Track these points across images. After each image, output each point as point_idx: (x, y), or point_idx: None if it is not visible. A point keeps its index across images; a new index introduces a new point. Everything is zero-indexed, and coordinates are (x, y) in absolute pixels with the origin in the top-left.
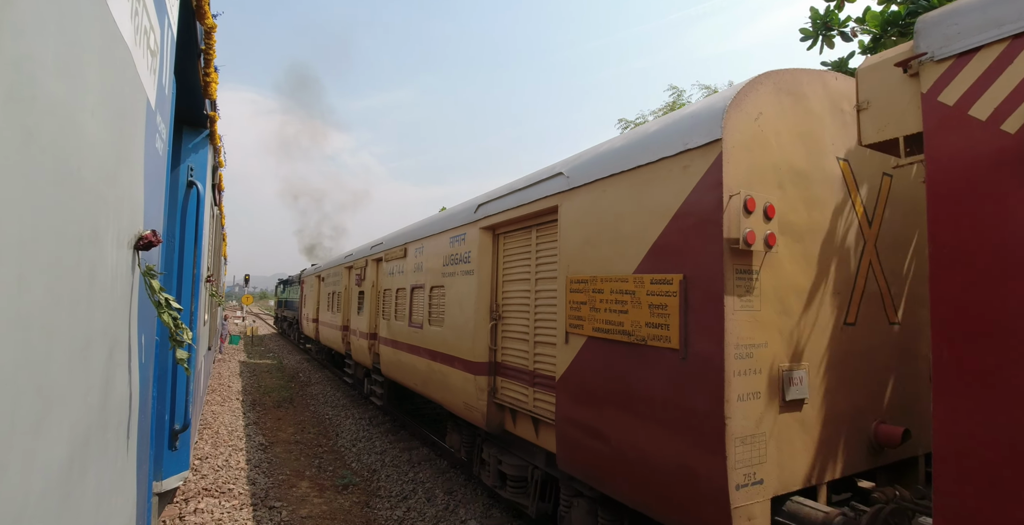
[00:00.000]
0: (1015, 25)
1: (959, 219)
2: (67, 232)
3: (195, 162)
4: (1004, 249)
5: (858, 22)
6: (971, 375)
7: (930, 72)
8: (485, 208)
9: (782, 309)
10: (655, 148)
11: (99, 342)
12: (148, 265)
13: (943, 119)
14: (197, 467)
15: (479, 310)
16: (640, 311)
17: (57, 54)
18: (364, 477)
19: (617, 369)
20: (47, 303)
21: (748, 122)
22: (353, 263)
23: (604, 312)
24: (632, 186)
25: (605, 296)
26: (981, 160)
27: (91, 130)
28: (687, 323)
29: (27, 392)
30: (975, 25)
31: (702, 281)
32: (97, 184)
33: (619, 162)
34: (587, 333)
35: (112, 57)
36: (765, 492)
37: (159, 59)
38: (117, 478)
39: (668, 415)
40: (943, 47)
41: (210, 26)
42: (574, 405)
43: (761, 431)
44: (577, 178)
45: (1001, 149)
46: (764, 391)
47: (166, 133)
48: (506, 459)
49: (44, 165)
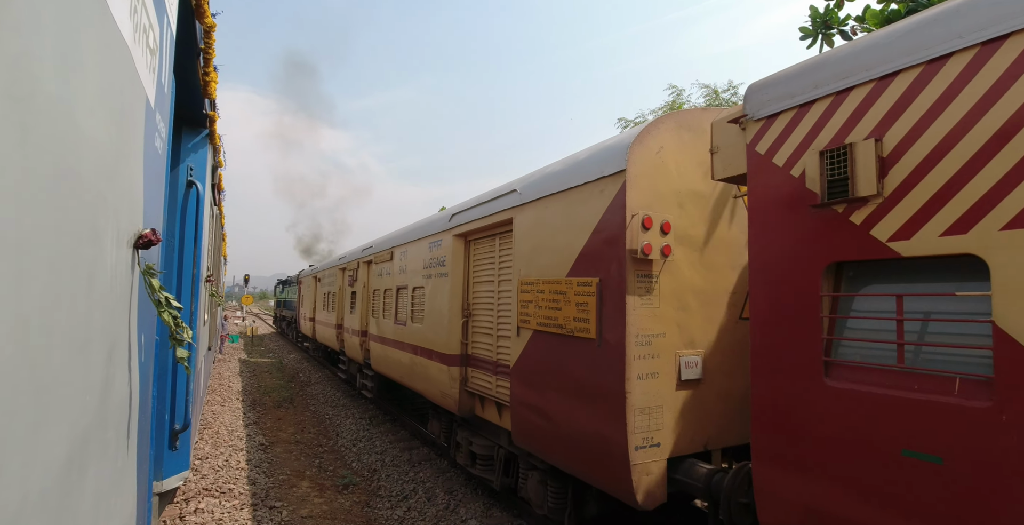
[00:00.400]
0: (802, 97)
1: (765, 238)
2: (66, 230)
3: (195, 162)
4: (783, 261)
5: (858, 21)
6: (766, 352)
7: (751, 128)
8: (457, 217)
9: (680, 306)
10: (582, 173)
11: (98, 341)
12: (148, 264)
13: (757, 164)
14: (197, 467)
15: (453, 308)
16: (570, 308)
17: (55, 52)
18: (364, 477)
19: (554, 356)
20: (46, 302)
21: (650, 155)
22: (346, 265)
23: (545, 309)
24: (566, 204)
25: (545, 295)
26: (779, 196)
27: (89, 128)
28: (601, 317)
29: (26, 391)
30: (777, 95)
31: (611, 283)
32: (96, 182)
33: (557, 183)
34: (533, 327)
35: (111, 55)
36: (662, 453)
37: (158, 58)
38: (117, 478)
39: (588, 392)
40: (758, 110)
41: (209, 25)
42: (524, 388)
43: (658, 404)
44: (527, 195)
45: (791, 188)
46: (661, 372)
47: (165, 132)
48: (476, 440)
49: (42, 163)
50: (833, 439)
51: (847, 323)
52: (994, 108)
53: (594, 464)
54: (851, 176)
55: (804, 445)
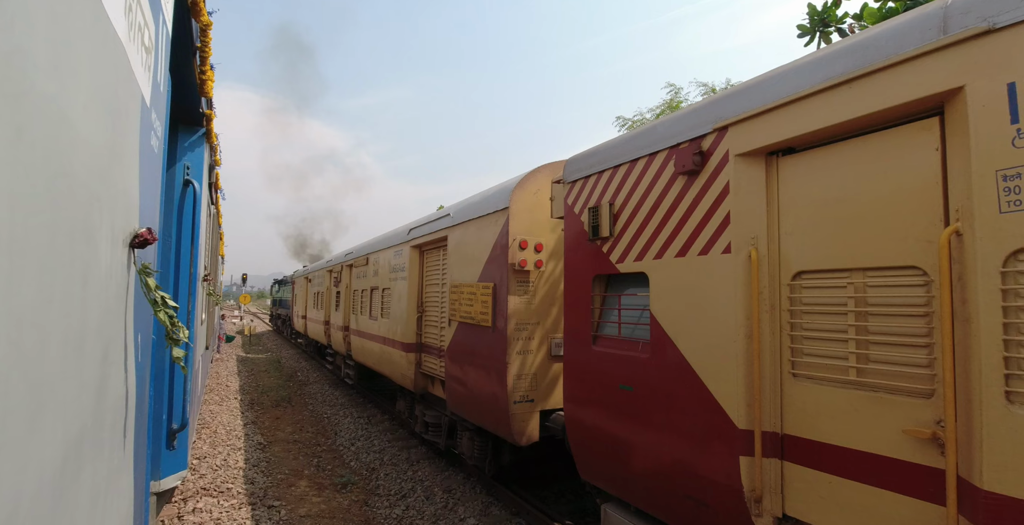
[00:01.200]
0: (585, 173)
1: (570, 258)
2: (59, 229)
3: (191, 160)
4: (577, 272)
5: (855, 18)
6: (570, 330)
7: (565, 188)
8: (414, 232)
9: (552, 303)
10: (486, 206)
11: (93, 340)
12: (144, 263)
13: (567, 211)
14: (195, 466)
15: (410, 305)
16: (478, 305)
17: (49, 50)
18: (363, 476)
19: (469, 340)
20: (39, 301)
21: (528, 195)
22: (332, 267)
23: (464, 305)
24: (477, 228)
25: (464, 295)
26: (575, 232)
27: (83, 127)
28: (495, 311)
29: (19, 391)
30: (575, 169)
31: (500, 287)
32: (90, 182)
33: (472, 212)
34: (458, 319)
35: (105, 54)
36: (535, 407)
37: (154, 56)
38: (113, 477)
39: (487, 364)
40: (567, 177)
41: (205, 23)
42: (452, 365)
43: (532, 372)
44: (456, 218)
45: (580, 228)
46: (536, 349)
47: (161, 131)
48: (428, 412)
49: (34, 162)
50: (594, 382)
51: (603, 312)
52: (652, 191)
53: (491, 416)
54: (600, 224)
55: (583, 386)
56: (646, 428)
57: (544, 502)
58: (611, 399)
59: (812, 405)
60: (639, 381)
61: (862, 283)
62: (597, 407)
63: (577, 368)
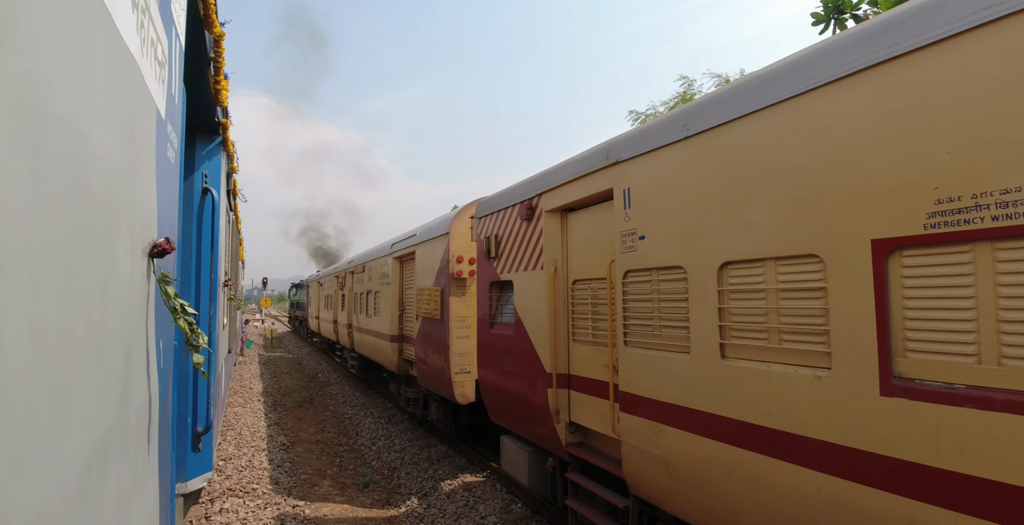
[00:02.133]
0: (484, 213)
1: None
2: (78, 241)
3: (209, 169)
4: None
5: (871, 4)
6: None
7: (478, 221)
8: (395, 246)
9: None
10: (436, 230)
11: (115, 347)
12: (163, 272)
13: (477, 237)
14: (221, 468)
15: (393, 305)
16: (433, 303)
17: (63, 70)
18: (384, 475)
19: (427, 329)
20: (60, 310)
21: (463, 223)
22: (339, 273)
23: (424, 304)
24: (431, 246)
25: (425, 297)
26: (481, 252)
27: (99, 143)
28: (442, 308)
29: (42, 397)
30: (481, 211)
31: (445, 290)
32: (107, 195)
33: (428, 233)
34: (421, 314)
35: (119, 70)
36: (471, 377)
37: (167, 69)
38: (138, 480)
39: (437, 347)
40: (477, 215)
41: (218, 35)
42: (419, 349)
43: (469, 351)
44: (420, 238)
45: (483, 250)
46: (471, 335)
47: (177, 142)
48: (409, 390)
49: (53, 178)
50: (491, 352)
51: (497, 306)
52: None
53: (443, 385)
54: (491, 248)
55: (485, 357)
56: (513, 379)
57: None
58: (499, 363)
59: (579, 356)
60: (510, 349)
61: (594, 286)
62: (493, 369)
63: (483, 344)
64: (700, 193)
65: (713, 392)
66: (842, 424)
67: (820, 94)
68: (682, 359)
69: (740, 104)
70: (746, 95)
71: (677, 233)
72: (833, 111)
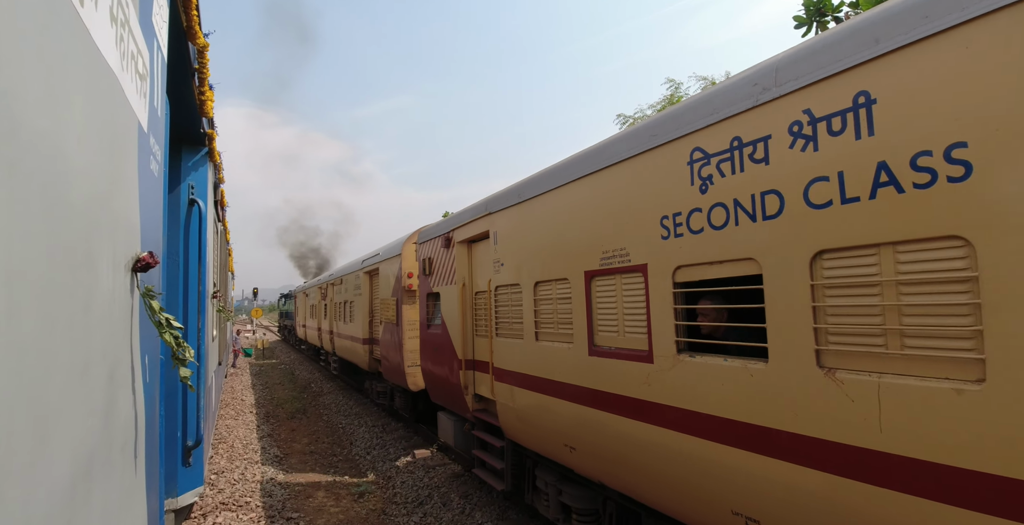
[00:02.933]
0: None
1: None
2: (58, 259)
3: (195, 180)
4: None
5: (852, 7)
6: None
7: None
8: (365, 262)
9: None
10: (392, 251)
11: (99, 364)
12: (147, 286)
13: (419, 258)
14: (213, 482)
15: (365, 313)
16: (391, 311)
17: (39, 88)
18: (380, 484)
19: (387, 332)
20: (40, 330)
21: (412, 245)
22: (321, 285)
23: (385, 311)
24: (389, 263)
25: (385, 305)
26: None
27: (78, 158)
28: (397, 314)
29: (22, 418)
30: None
31: (399, 300)
32: (88, 210)
33: (387, 253)
34: (383, 320)
35: (97, 85)
36: (419, 368)
37: (149, 82)
38: (125, 498)
39: (394, 345)
40: (419, 241)
41: (202, 46)
42: (382, 349)
43: (418, 348)
44: (381, 257)
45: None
46: (418, 335)
47: (161, 154)
48: (379, 385)
49: (29, 195)
50: (428, 347)
51: (432, 312)
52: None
53: (399, 377)
54: (426, 267)
55: (424, 351)
56: (441, 366)
57: None
58: (433, 356)
59: (478, 346)
60: (439, 344)
61: (484, 296)
62: (430, 360)
63: (423, 342)
64: (525, 237)
65: (532, 361)
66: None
67: (567, 187)
68: (520, 342)
69: (536, 188)
70: (539, 182)
71: (517, 262)
72: (572, 196)
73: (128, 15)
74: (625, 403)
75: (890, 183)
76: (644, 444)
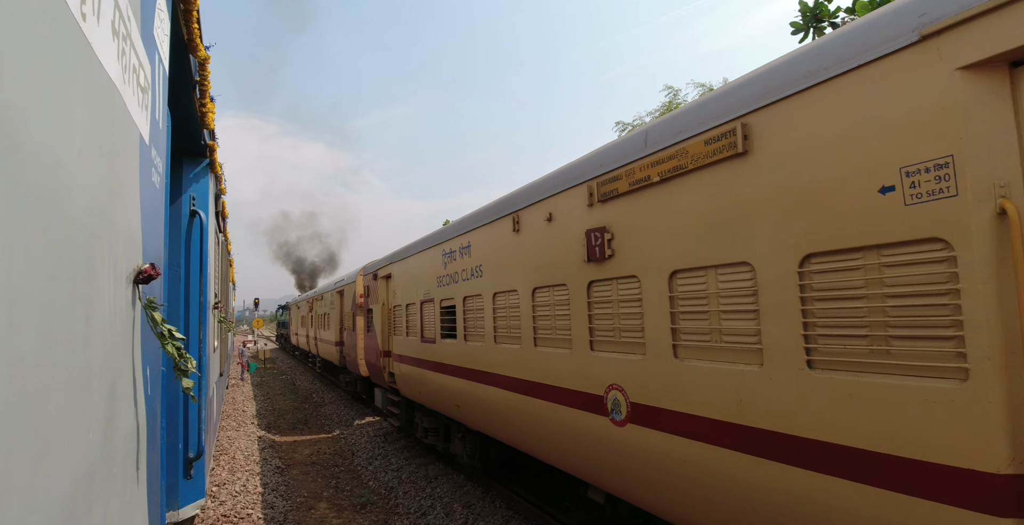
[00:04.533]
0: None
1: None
2: (58, 273)
3: (197, 191)
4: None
5: (848, 12)
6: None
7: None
8: (337, 284)
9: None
10: (352, 277)
11: (99, 378)
12: (149, 298)
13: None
14: (215, 494)
15: (336, 322)
16: (350, 320)
17: (40, 102)
18: (382, 495)
19: (348, 336)
20: (40, 345)
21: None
22: (308, 299)
23: (347, 321)
24: (351, 286)
25: (347, 316)
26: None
27: (79, 171)
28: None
29: (22, 434)
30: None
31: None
32: (89, 223)
33: (350, 278)
34: (346, 327)
35: (99, 98)
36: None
37: (151, 95)
38: (126, 511)
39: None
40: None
41: (203, 58)
42: (347, 348)
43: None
44: (345, 281)
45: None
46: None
47: (162, 166)
48: (346, 377)
49: (30, 210)
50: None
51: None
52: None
53: (354, 367)
54: (368, 292)
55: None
56: (373, 356)
57: None
58: (371, 351)
59: (396, 342)
60: (372, 342)
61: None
62: (371, 354)
63: (366, 341)
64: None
65: (406, 348)
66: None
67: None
68: (403, 337)
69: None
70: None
71: (402, 292)
72: (419, 258)
73: (130, 29)
74: (438, 367)
75: None
76: (450, 389)
